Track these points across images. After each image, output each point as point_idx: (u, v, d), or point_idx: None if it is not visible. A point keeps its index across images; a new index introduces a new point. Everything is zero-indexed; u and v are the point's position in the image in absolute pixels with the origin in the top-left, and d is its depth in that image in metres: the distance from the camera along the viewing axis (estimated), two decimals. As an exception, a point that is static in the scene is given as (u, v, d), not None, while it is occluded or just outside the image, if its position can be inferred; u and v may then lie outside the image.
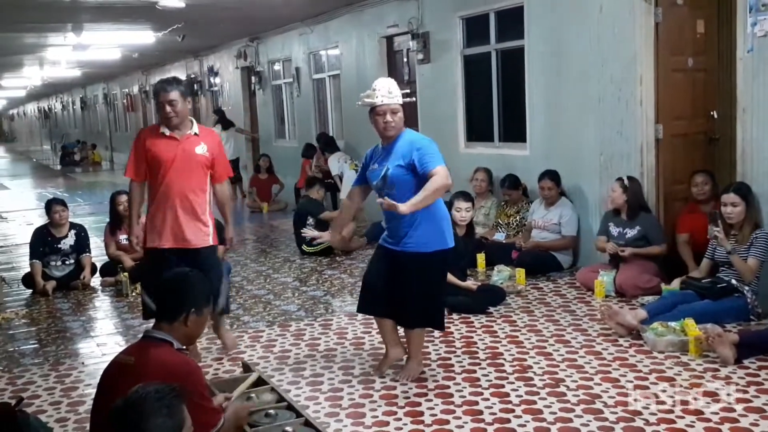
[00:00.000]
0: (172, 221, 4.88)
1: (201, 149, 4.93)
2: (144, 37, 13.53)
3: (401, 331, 4.71)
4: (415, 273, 4.41)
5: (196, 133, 4.96)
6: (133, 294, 7.02)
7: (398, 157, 4.32)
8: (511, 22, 8.12)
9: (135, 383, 2.45)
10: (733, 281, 5.38)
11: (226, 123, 14.40)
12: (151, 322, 3.57)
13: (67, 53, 15.98)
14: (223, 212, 5.26)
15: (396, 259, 4.45)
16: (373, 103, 4.33)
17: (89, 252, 7.73)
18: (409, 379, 4.53)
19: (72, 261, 7.61)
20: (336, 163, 11.25)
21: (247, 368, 4.60)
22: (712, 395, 4.13)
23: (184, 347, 3.26)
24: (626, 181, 6.32)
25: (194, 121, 5.05)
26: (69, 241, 7.64)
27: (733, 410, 3.93)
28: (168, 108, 4.82)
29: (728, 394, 4.12)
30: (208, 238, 4.99)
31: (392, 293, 4.51)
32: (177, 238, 4.90)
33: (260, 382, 4.28)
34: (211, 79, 17.50)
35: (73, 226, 7.81)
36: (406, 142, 4.36)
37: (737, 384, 4.27)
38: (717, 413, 3.90)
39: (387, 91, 4.33)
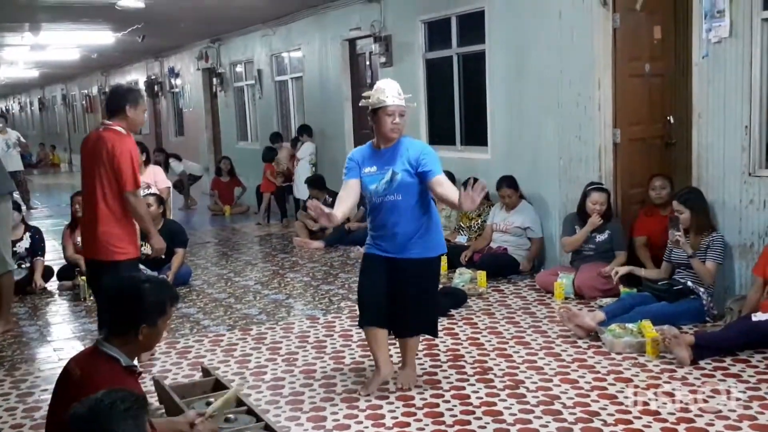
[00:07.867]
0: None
1: None
2: (103, 37, 13.37)
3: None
4: (419, 279, 4.42)
5: None
6: (91, 298, 6.92)
7: (404, 162, 4.28)
8: (473, 26, 8.17)
9: (77, 398, 2.35)
10: (689, 283, 5.48)
11: None
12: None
13: (25, 53, 15.73)
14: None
15: (396, 268, 4.37)
16: (384, 102, 4.25)
17: (42, 255, 7.57)
18: (410, 386, 4.46)
19: (28, 264, 7.45)
20: (306, 154, 11.20)
21: (206, 373, 4.56)
22: (669, 396, 4.19)
23: (134, 362, 3.06)
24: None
25: None
26: (24, 244, 7.46)
27: (689, 410, 3.99)
28: None
29: (684, 395, 4.19)
30: None
31: (392, 303, 4.42)
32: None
33: (219, 386, 4.25)
34: (172, 81, 17.36)
35: (28, 228, 7.65)
36: (410, 146, 4.33)
37: (693, 384, 4.34)
38: (673, 413, 3.96)
39: (397, 92, 4.28)
